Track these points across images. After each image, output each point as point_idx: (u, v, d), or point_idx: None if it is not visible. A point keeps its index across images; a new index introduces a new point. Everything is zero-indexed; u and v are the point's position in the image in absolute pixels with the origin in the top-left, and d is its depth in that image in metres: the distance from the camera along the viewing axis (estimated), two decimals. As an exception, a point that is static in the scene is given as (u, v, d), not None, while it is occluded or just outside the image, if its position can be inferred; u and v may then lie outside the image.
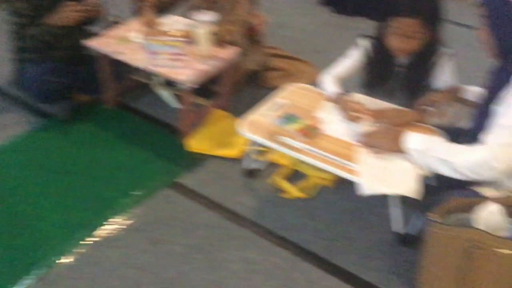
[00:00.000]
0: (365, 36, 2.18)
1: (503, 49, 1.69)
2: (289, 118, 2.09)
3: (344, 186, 2.29)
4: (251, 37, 2.98)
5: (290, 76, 3.14)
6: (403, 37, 1.98)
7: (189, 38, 2.50)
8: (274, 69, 3.18)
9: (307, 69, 3.24)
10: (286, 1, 4.15)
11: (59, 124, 2.72)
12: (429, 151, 1.73)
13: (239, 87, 2.92)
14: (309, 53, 3.44)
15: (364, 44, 2.17)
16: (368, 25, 2.16)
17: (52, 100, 2.71)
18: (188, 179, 2.41)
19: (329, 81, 2.19)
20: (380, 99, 2.18)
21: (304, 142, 1.97)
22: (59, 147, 2.58)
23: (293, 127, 2.04)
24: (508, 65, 1.67)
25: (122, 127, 2.74)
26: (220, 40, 2.56)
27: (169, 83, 2.57)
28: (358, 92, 2.25)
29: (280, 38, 3.61)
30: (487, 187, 1.78)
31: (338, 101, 2.11)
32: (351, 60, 2.22)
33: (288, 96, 2.27)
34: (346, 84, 2.22)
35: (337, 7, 3.98)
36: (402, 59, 2.12)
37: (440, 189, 1.80)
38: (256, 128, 2.06)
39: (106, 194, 2.31)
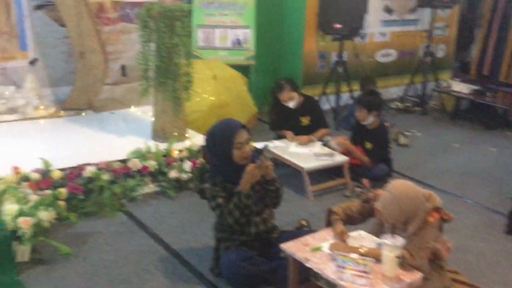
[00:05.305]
0: None
1: None
2: None
3: None
4: (434, 261, 3.07)
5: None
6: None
7: (375, 257, 2.71)
8: (453, 294, 3.17)
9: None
10: (467, 224, 4.21)
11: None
12: None
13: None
14: (488, 283, 3.38)
15: None
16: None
17: (245, 286, 3.08)
18: None
19: None
20: None
21: None
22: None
23: None
24: None
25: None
26: (405, 264, 2.72)
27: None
28: None
29: (459, 262, 3.63)
30: None
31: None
32: None
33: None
34: None
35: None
36: None
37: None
38: None
39: None
